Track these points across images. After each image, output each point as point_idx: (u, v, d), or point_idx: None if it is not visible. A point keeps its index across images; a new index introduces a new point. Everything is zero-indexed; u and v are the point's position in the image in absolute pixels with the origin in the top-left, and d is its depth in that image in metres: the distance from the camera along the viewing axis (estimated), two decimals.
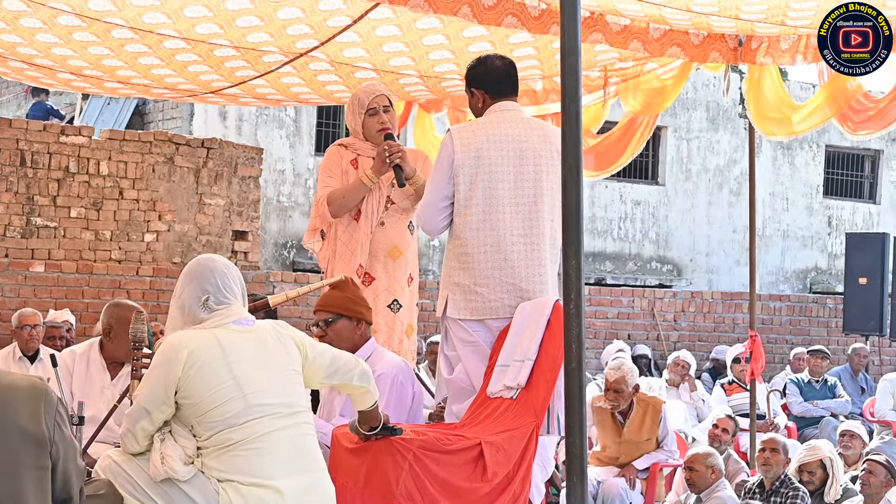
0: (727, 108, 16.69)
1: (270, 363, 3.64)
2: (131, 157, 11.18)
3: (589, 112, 7.72)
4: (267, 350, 3.66)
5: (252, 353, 3.61)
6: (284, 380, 3.64)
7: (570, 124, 3.17)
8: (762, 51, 6.61)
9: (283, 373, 3.65)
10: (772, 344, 13.67)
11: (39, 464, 2.87)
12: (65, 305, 9.82)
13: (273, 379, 3.61)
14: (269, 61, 6.97)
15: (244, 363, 3.57)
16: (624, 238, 16.17)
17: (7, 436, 2.78)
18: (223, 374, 3.52)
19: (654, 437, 6.64)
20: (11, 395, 2.83)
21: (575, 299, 3.23)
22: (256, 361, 3.60)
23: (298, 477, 3.54)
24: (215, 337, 3.59)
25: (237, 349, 3.59)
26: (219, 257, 3.86)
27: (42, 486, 2.88)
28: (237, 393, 3.51)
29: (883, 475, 6.02)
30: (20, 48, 6.64)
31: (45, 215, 10.75)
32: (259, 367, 3.60)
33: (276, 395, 3.58)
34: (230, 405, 3.50)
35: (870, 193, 18.33)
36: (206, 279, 3.71)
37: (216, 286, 3.71)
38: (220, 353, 3.55)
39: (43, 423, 2.84)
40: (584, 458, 3.26)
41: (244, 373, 3.55)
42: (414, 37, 6.47)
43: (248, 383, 3.54)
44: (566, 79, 3.14)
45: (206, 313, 3.66)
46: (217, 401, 3.50)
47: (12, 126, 10.71)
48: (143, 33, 6.27)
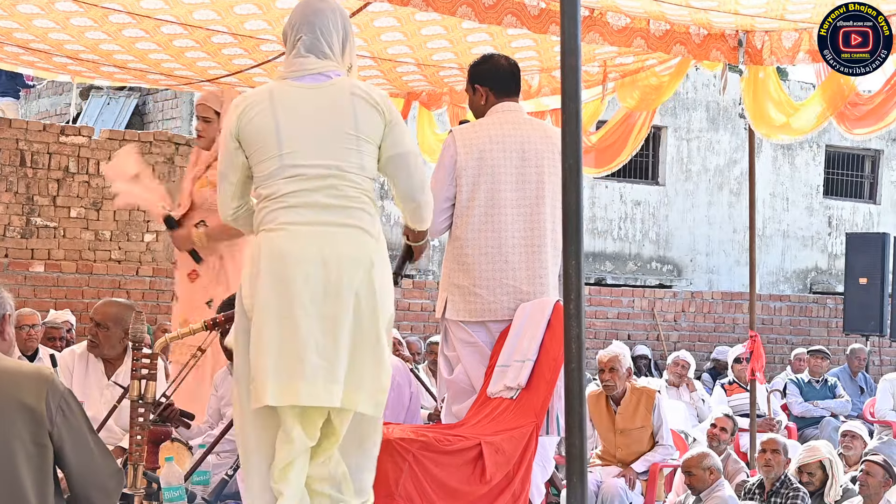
0: (727, 108, 16.68)
1: (327, 123, 3.56)
2: None
3: (587, 109, 7.72)
4: (332, 109, 3.57)
5: (308, 111, 3.56)
6: (338, 142, 3.55)
7: (570, 124, 3.17)
8: (767, 49, 6.60)
9: (340, 135, 3.56)
10: (772, 344, 13.67)
11: (37, 440, 2.95)
12: (65, 305, 9.82)
13: (322, 140, 3.55)
14: (266, 50, 6.99)
15: (293, 121, 3.54)
16: (624, 238, 16.16)
17: (8, 409, 2.91)
18: (269, 131, 3.52)
19: (648, 425, 6.57)
20: (17, 374, 2.99)
21: (575, 299, 3.23)
22: (309, 120, 3.55)
23: (315, 227, 3.51)
24: (270, 92, 3.59)
25: (290, 107, 3.55)
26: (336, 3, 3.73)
27: (38, 464, 2.95)
28: (276, 151, 3.51)
29: (881, 475, 6.02)
30: (16, 33, 6.66)
31: (44, 215, 10.75)
32: (311, 125, 3.56)
33: (318, 156, 3.53)
34: (268, 163, 3.53)
35: (870, 193, 18.32)
36: (308, 13, 3.64)
37: (314, 30, 3.62)
38: (269, 110, 3.54)
39: (44, 402, 2.95)
40: (585, 458, 3.26)
41: (290, 132, 3.53)
42: (412, 27, 6.50)
43: (290, 142, 3.52)
44: (566, 78, 3.14)
45: (294, 55, 3.62)
46: (260, 157, 3.54)
47: (12, 126, 10.71)
48: (140, 18, 6.30)
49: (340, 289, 3.45)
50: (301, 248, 3.46)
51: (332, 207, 3.52)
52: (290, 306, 3.43)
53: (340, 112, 3.56)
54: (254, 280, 3.51)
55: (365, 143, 3.57)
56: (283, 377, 3.41)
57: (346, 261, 3.47)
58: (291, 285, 3.43)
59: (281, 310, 3.43)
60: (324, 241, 3.49)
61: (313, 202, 3.51)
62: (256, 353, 3.46)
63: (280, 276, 3.45)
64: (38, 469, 2.95)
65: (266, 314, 3.45)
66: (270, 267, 3.47)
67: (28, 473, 2.92)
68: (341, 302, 3.45)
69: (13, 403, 2.94)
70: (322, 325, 3.43)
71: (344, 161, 3.54)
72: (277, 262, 3.46)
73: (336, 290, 3.44)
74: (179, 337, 5.02)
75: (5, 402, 2.93)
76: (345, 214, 3.53)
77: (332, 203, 3.52)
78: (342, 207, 3.53)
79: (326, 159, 3.52)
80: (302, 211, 3.50)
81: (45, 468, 2.97)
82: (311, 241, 3.48)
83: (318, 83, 3.59)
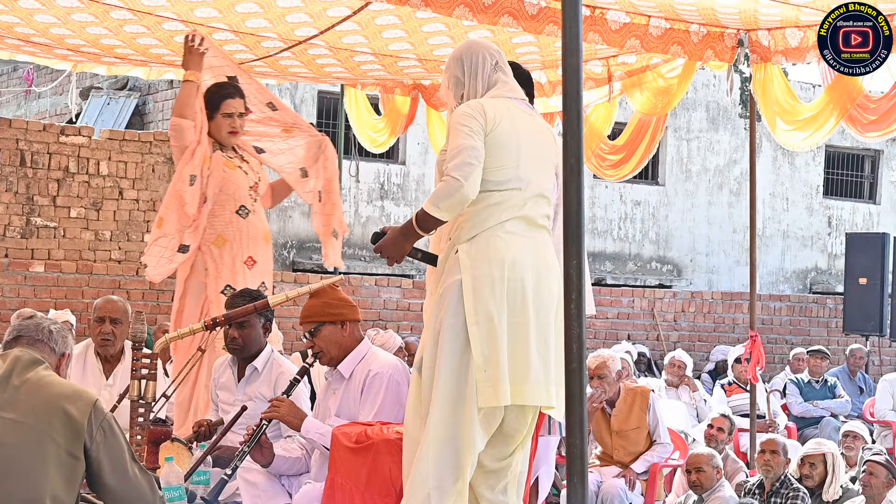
0: (727, 108, 16.68)
1: (543, 149, 3.93)
2: (131, 157, 11.18)
3: (600, 111, 7.77)
4: (542, 137, 3.95)
5: (532, 133, 3.89)
6: (547, 167, 3.93)
7: (570, 124, 3.17)
8: (773, 47, 6.58)
9: (548, 162, 3.93)
10: (772, 344, 13.66)
11: (71, 450, 3.11)
12: (65, 305, 9.81)
13: (541, 163, 3.90)
14: (267, 47, 7.00)
15: (524, 138, 3.84)
16: (624, 238, 16.16)
17: (51, 413, 3.10)
18: (511, 141, 3.81)
19: (644, 425, 6.53)
20: (68, 388, 3.22)
21: (576, 299, 3.23)
22: (535, 142, 3.89)
23: (526, 238, 3.84)
24: (507, 107, 3.86)
25: (521, 124, 3.86)
26: None
27: (67, 475, 3.11)
28: (514, 162, 3.81)
29: (884, 475, 6.00)
30: (17, 28, 6.68)
31: (45, 215, 10.75)
32: (536, 148, 3.89)
33: (539, 177, 3.88)
34: (503, 172, 3.79)
35: (870, 193, 18.31)
36: (488, 48, 3.99)
37: (499, 54, 3.99)
38: (511, 122, 3.83)
39: (87, 418, 3.13)
40: (585, 458, 3.26)
41: (526, 149, 3.83)
42: (413, 24, 6.52)
43: (526, 159, 3.82)
44: (567, 79, 3.14)
45: (499, 74, 3.94)
46: (497, 162, 3.78)
47: (12, 126, 10.71)
48: (141, 14, 6.31)
49: (551, 296, 3.81)
50: (524, 256, 3.78)
51: (538, 227, 3.89)
52: (522, 312, 3.74)
53: (548, 142, 3.97)
54: (481, 282, 3.73)
55: (555, 178, 3.93)
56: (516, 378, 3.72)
57: (552, 270, 3.83)
58: (524, 292, 3.75)
59: (514, 315, 3.73)
60: (537, 252, 3.84)
61: (528, 217, 3.84)
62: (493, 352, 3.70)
63: (515, 283, 3.74)
64: (66, 480, 3.06)
65: (499, 318, 3.69)
66: (501, 272, 3.73)
67: (56, 478, 3.04)
68: (551, 308, 3.81)
69: (57, 409, 3.11)
70: (538, 331, 3.77)
71: (547, 184, 3.91)
72: (510, 268, 3.74)
73: (548, 297, 3.81)
74: (179, 337, 5.03)
75: (50, 406, 3.11)
76: (546, 232, 3.94)
77: (539, 223, 3.89)
78: (543, 228, 3.92)
79: (541, 180, 3.88)
80: (520, 224, 3.82)
81: (73, 481, 3.08)
82: (528, 250, 3.81)
83: (530, 110, 4.01)
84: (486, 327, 3.68)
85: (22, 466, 3.01)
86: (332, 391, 4.70)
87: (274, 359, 5.21)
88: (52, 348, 3.34)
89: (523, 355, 3.69)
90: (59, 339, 3.38)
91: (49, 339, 3.35)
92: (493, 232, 3.77)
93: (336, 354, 4.64)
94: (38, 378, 3.17)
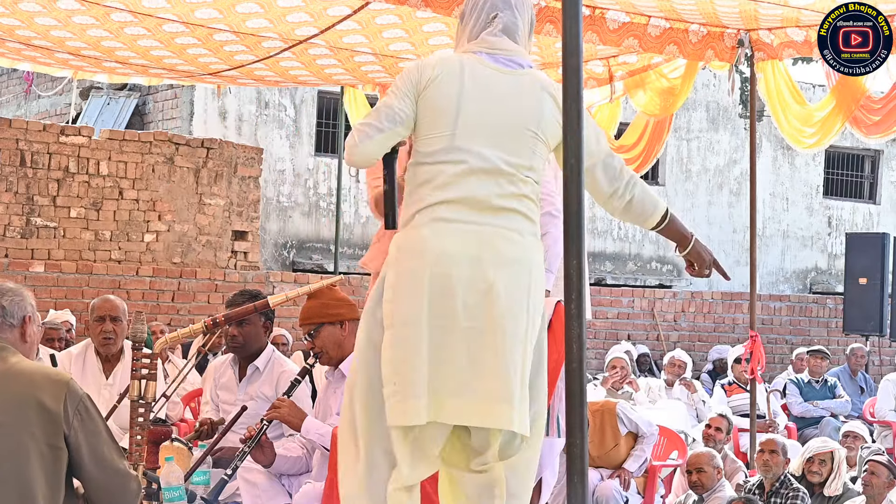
0: (727, 108, 16.69)
1: (511, 114, 3.25)
2: (131, 157, 11.18)
3: (604, 111, 7.78)
4: (517, 98, 3.27)
5: (496, 96, 3.24)
6: (516, 137, 3.24)
7: (571, 124, 3.16)
8: (777, 44, 6.57)
9: (520, 130, 3.25)
10: (772, 344, 13.66)
11: (51, 441, 2.97)
12: (65, 305, 9.81)
13: (502, 131, 3.23)
14: (268, 47, 7.02)
15: (477, 102, 3.22)
16: (624, 238, 16.16)
17: (25, 406, 2.95)
18: (449, 105, 3.19)
19: (621, 439, 6.37)
20: (36, 375, 3.04)
21: (576, 299, 3.22)
22: (495, 106, 3.24)
23: (470, 225, 3.18)
24: (461, 63, 3.26)
25: (479, 86, 3.23)
26: None
27: (50, 466, 2.97)
28: (449, 130, 3.18)
29: (885, 475, 6.00)
30: (18, 31, 6.68)
31: (44, 215, 10.74)
32: (494, 113, 3.24)
33: (494, 147, 3.21)
34: (436, 140, 3.20)
35: (870, 193, 18.32)
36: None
37: (512, 8, 3.35)
38: (457, 81, 3.21)
39: (62, 404, 2.98)
40: (585, 458, 3.25)
41: (470, 113, 3.20)
42: (413, 24, 6.53)
43: (466, 125, 3.20)
44: (568, 79, 3.13)
45: (488, 32, 3.31)
46: (430, 130, 3.21)
47: (12, 126, 10.70)
48: (142, 17, 6.32)
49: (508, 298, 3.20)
50: (457, 247, 3.16)
51: (495, 210, 3.20)
52: (449, 314, 3.15)
53: (527, 106, 3.27)
54: (403, 279, 3.17)
55: (541, 145, 3.29)
56: None
57: (514, 267, 3.21)
58: (452, 290, 3.14)
59: (438, 318, 3.14)
60: (484, 242, 3.18)
61: (474, 198, 3.18)
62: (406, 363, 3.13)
63: (441, 279, 3.14)
64: (50, 472, 2.95)
65: (416, 322, 3.13)
66: (423, 267, 3.15)
67: (39, 473, 2.92)
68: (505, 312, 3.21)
69: (31, 402, 2.96)
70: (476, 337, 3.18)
71: (514, 157, 3.23)
72: (434, 262, 3.15)
73: (500, 299, 3.18)
74: (179, 337, 5.03)
75: (23, 401, 2.96)
76: (516, 217, 3.24)
77: (496, 205, 3.20)
78: (506, 211, 3.22)
79: (497, 151, 3.21)
80: (458, 208, 3.17)
81: (57, 471, 2.97)
82: (468, 240, 3.17)
83: (509, 69, 3.31)
84: (401, 333, 3.11)
85: (3, 474, 2.89)
86: (332, 390, 4.71)
87: (275, 358, 5.22)
88: (9, 324, 3.11)
89: (449, 365, 3.10)
90: (13, 309, 3.13)
91: (3, 315, 3.11)
92: (422, 216, 3.18)
93: (336, 354, 4.64)
94: (6, 368, 2.99)
